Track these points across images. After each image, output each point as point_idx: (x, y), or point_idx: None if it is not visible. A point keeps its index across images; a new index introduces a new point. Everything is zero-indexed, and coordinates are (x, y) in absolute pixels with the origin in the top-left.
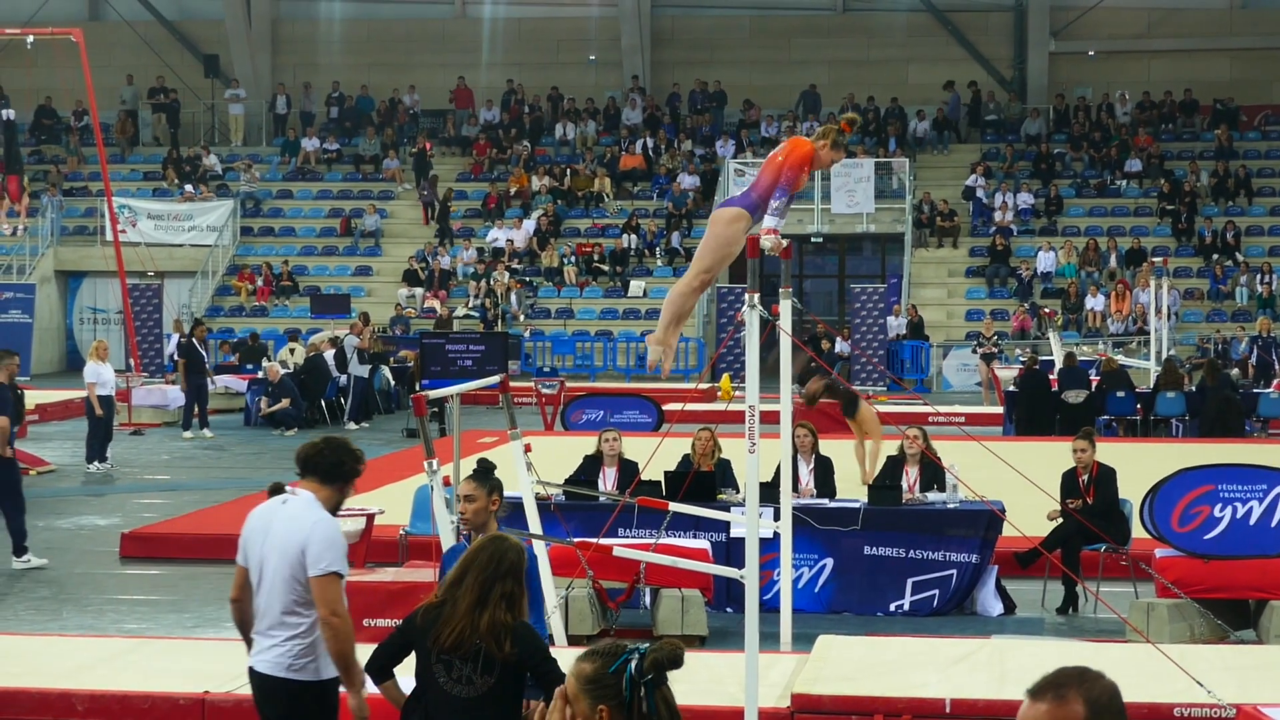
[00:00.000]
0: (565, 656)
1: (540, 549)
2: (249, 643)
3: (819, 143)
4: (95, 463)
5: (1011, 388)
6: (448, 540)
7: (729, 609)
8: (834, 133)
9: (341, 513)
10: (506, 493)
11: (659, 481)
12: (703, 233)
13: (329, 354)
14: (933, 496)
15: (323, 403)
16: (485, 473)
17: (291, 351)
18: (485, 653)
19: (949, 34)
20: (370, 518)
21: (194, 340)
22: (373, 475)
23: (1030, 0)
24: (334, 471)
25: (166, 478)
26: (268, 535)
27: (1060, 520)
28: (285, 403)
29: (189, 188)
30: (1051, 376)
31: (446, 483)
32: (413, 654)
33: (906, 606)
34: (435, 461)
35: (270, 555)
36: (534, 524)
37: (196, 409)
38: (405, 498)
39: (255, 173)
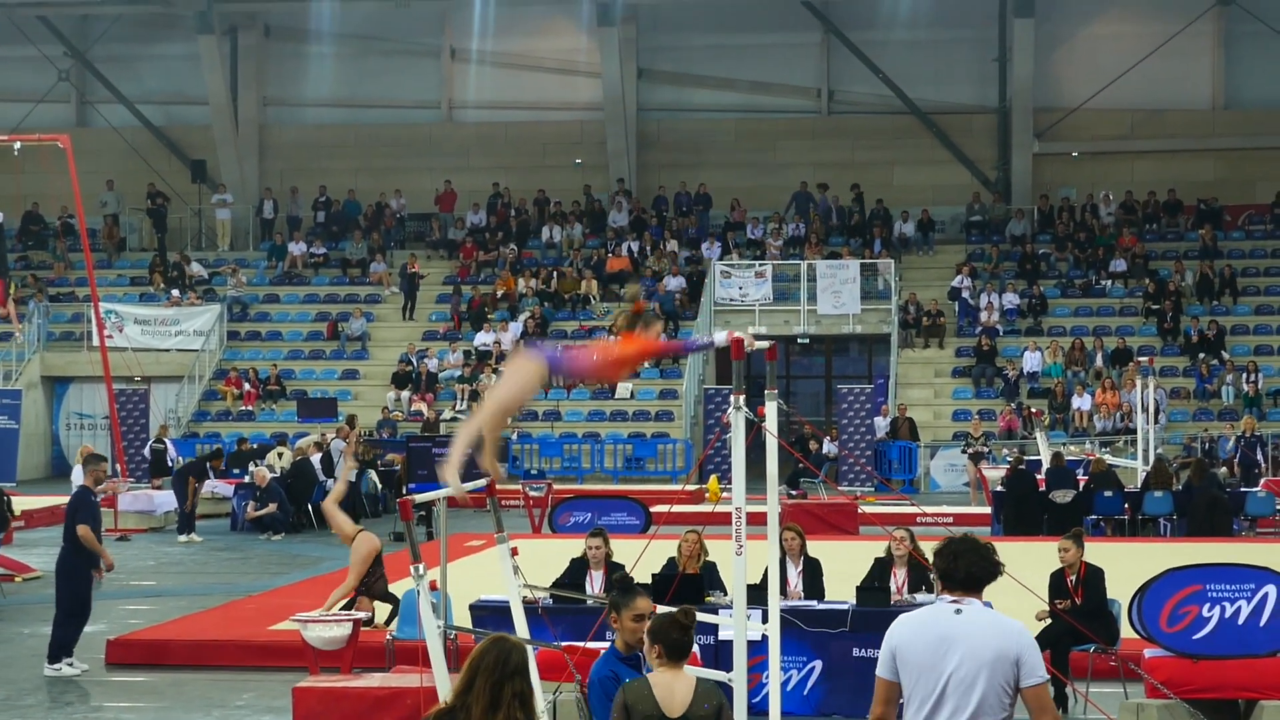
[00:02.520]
0: None
1: (529, 653)
2: None
3: (618, 338)
4: None
5: (999, 488)
6: (435, 645)
7: None
8: (625, 320)
9: (327, 617)
10: (493, 597)
11: (646, 584)
12: (689, 334)
13: (316, 458)
14: (921, 598)
15: (310, 507)
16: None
17: (280, 455)
18: None
19: (933, 136)
20: (357, 623)
21: (208, 465)
22: None
23: (1014, 102)
24: (986, 578)
25: (153, 583)
26: (951, 646)
27: (1049, 621)
28: (272, 507)
29: (175, 292)
30: (1039, 476)
31: (433, 587)
32: None
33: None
34: (422, 565)
35: (966, 666)
36: (521, 628)
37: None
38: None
39: (242, 277)
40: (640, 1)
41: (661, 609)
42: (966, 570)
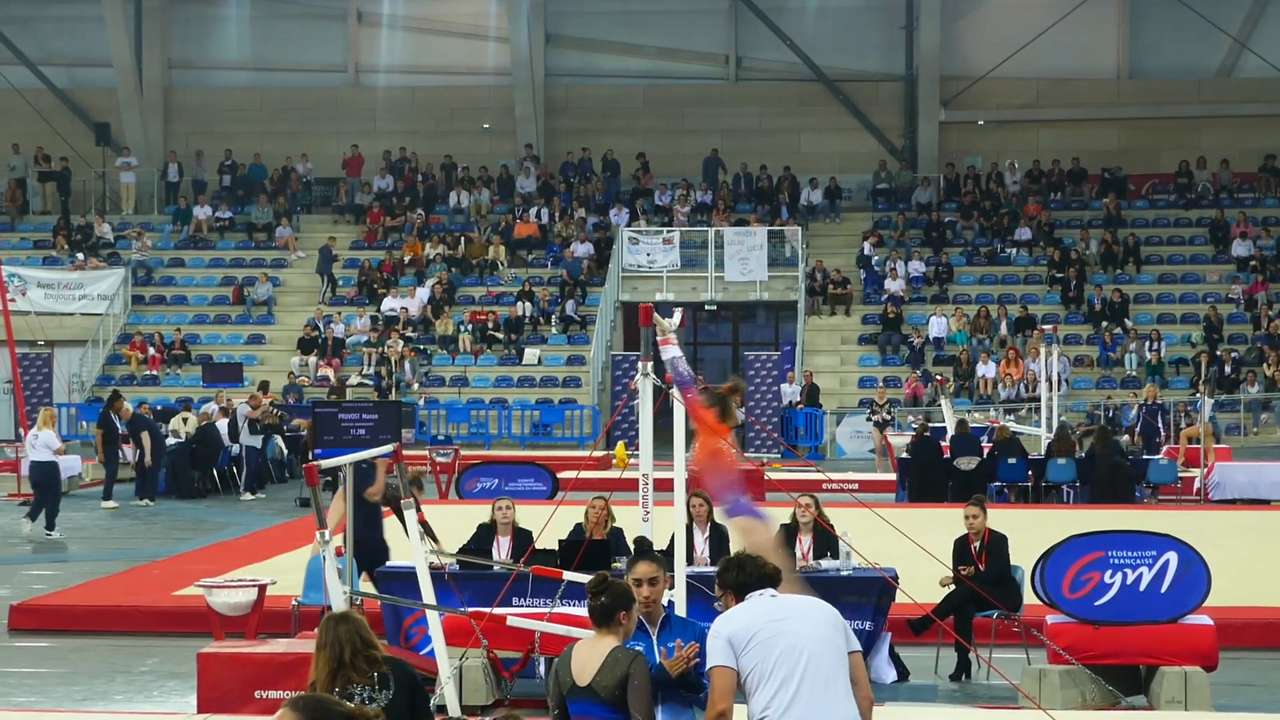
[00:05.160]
0: None
1: (434, 619)
2: None
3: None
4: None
5: (904, 454)
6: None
7: None
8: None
9: (231, 583)
10: (400, 562)
11: (553, 550)
12: (597, 300)
13: (222, 423)
14: (826, 564)
15: (215, 472)
16: (651, 552)
17: (185, 421)
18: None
19: (840, 104)
20: (262, 588)
21: (111, 413)
22: (265, 545)
23: (920, 70)
24: (776, 575)
25: (57, 549)
26: (788, 618)
27: (953, 587)
28: (146, 440)
29: (80, 256)
30: (943, 443)
31: (339, 553)
32: None
33: None
34: (328, 532)
35: (810, 628)
36: (427, 593)
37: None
38: (298, 568)
39: (147, 241)
40: None
41: (571, 575)
42: (758, 573)
